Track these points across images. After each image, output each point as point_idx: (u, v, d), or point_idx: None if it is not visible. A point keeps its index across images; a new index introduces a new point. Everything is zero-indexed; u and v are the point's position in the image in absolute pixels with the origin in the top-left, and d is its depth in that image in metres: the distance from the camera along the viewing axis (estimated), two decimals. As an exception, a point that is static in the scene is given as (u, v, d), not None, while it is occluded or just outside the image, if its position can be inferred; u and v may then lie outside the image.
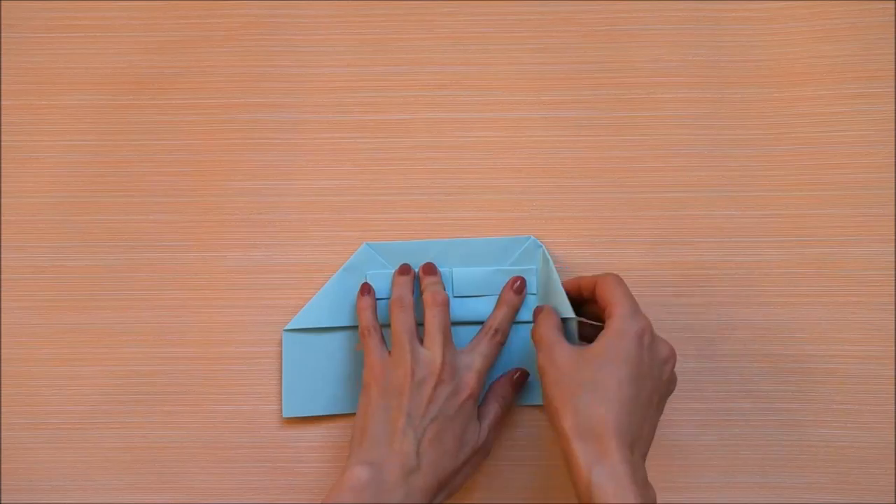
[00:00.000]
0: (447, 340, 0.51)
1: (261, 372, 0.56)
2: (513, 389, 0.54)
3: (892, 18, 0.57)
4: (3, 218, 0.57)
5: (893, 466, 0.54)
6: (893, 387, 0.54)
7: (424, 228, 0.57)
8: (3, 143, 0.58)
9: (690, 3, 0.58)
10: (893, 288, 0.55)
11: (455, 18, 0.58)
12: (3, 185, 0.58)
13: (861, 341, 0.55)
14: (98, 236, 0.57)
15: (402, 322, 0.51)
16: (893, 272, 0.55)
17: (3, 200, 0.57)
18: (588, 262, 0.56)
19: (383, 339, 0.52)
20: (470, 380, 0.50)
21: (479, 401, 0.52)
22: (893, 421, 0.54)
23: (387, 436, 0.49)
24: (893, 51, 0.57)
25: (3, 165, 0.58)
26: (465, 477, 0.51)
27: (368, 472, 0.47)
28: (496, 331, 0.53)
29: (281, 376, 0.55)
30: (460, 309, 0.55)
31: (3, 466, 0.55)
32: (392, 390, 0.50)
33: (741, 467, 0.54)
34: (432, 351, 0.50)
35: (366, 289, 0.54)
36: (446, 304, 0.52)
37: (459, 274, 0.55)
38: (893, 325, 0.55)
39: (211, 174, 0.57)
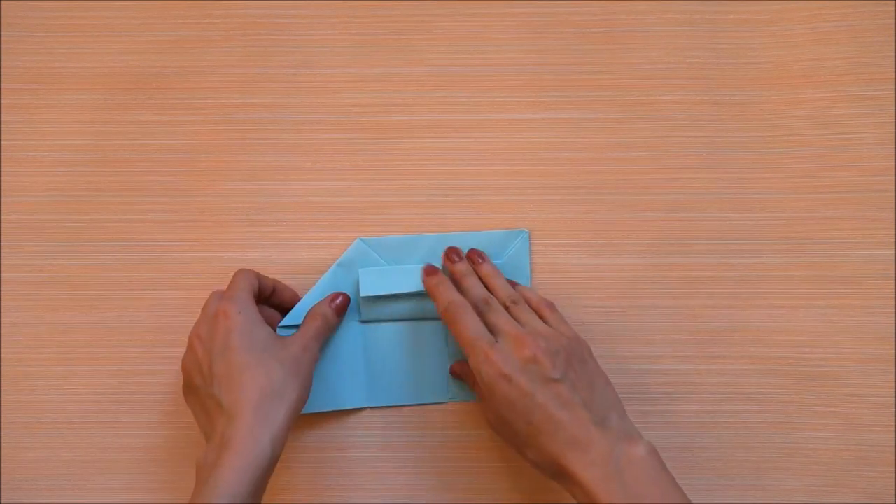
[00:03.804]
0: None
1: (257, 372, 0.56)
2: (334, 312, 0.53)
3: (891, 21, 0.57)
4: (1, 217, 0.57)
5: (892, 469, 0.54)
6: (892, 390, 0.54)
7: (422, 229, 0.56)
8: (1, 143, 0.58)
9: (688, 4, 0.58)
10: (892, 291, 0.55)
11: (453, 19, 0.58)
12: (0, 184, 0.58)
13: (859, 344, 0.55)
14: (96, 236, 0.57)
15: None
16: (892, 275, 0.55)
17: (0, 200, 0.58)
18: (585, 264, 0.56)
19: None
20: (222, 306, 0.49)
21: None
22: (892, 424, 0.54)
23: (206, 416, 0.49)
24: (892, 53, 0.57)
25: (1, 165, 0.58)
26: (301, 389, 0.48)
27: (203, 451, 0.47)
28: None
29: (277, 376, 0.55)
30: None
31: (2, 466, 0.55)
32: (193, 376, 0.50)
33: (738, 469, 0.54)
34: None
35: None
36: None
37: None
38: (892, 328, 0.55)
39: (208, 174, 0.57)
